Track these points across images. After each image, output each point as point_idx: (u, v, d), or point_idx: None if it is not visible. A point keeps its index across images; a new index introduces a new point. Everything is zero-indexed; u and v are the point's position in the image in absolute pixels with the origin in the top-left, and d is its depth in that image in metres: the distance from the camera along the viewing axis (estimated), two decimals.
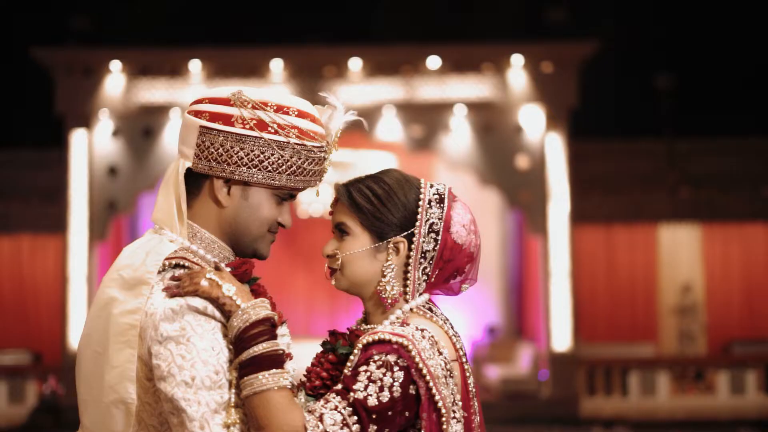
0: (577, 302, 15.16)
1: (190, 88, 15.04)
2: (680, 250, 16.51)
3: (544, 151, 15.06)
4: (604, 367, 14.98)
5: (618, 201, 16.14)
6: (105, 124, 15.02)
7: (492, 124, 15.20)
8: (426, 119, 15.22)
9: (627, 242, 16.48)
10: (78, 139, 14.91)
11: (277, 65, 14.96)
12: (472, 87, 15.10)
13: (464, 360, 2.42)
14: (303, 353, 2.84)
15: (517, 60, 14.94)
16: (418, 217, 2.41)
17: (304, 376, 2.46)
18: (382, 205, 2.42)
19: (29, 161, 16.41)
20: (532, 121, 15.08)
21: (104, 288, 2.34)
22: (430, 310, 2.44)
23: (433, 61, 14.93)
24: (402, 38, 15.55)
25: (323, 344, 2.49)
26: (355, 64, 14.96)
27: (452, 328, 2.45)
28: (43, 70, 15.28)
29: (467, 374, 2.42)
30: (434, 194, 2.46)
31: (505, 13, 17.14)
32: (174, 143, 11.12)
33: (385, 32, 15.87)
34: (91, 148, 14.94)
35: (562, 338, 14.86)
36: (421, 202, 2.43)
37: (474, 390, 2.44)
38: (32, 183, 16.21)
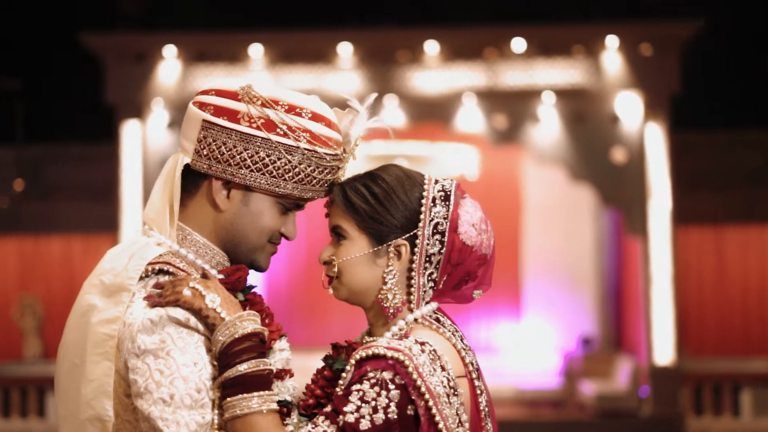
0: (682, 311, 15.14)
1: (250, 75, 15.35)
2: None
3: (643, 143, 15.03)
4: (713, 383, 14.90)
5: (727, 198, 16.07)
6: (159, 114, 15.25)
7: (584, 113, 15.24)
8: (511, 108, 15.28)
9: (738, 244, 16.43)
10: (130, 131, 15.16)
11: (345, 50, 15.15)
12: (562, 72, 15.14)
13: (474, 376, 2.42)
14: None
15: (612, 42, 14.91)
16: (421, 217, 2.40)
17: (303, 393, 2.45)
18: (380, 205, 2.39)
19: (77, 156, 16.85)
20: (630, 109, 15.07)
21: (84, 294, 2.35)
22: (438, 320, 2.43)
23: (519, 44, 14.97)
24: (483, 19, 15.58)
25: (324, 358, 2.48)
26: (432, 47, 15.09)
27: (462, 340, 2.44)
28: (91, 57, 15.69)
29: (478, 391, 2.42)
30: (439, 191, 2.43)
31: None
32: None
33: (465, 12, 15.98)
34: (144, 140, 15.15)
35: (664, 351, 14.85)
36: (424, 201, 2.41)
37: (487, 408, 2.45)
38: (81, 180, 16.65)
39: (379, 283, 2.41)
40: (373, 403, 2.20)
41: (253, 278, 2.52)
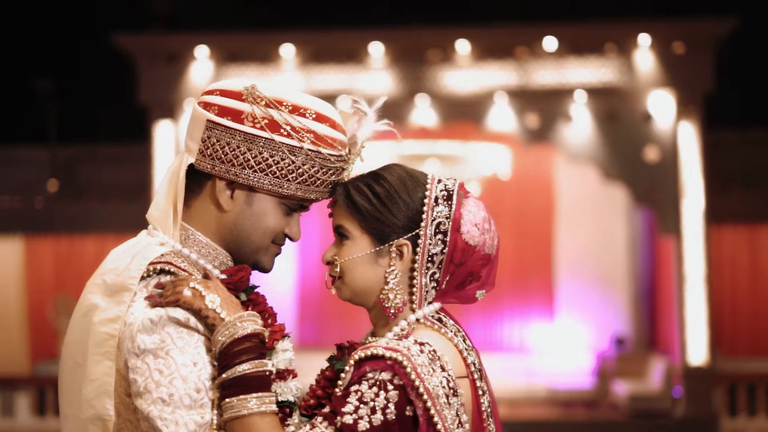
0: (716, 311, 15.06)
1: (282, 75, 15.41)
2: None
3: (676, 142, 14.96)
4: (747, 383, 14.81)
5: (761, 197, 15.97)
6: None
7: (617, 112, 15.21)
8: (542, 107, 15.26)
9: None
10: (162, 131, 15.22)
11: (376, 49, 15.17)
12: (594, 71, 15.10)
13: (476, 377, 2.40)
14: None
15: (645, 40, 14.84)
16: (423, 216, 2.39)
17: (306, 393, 2.45)
18: (382, 205, 2.39)
19: (110, 156, 16.99)
20: (663, 108, 15.01)
21: (86, 293, 2.35)
22: (440, 320, 2.42)
23: (550, 43, 14.95)
24: (515, 17, 15.62)
25: (329, 359, 2.48)
26: (463, 47, 15.08)
27: (464, 341, 2.42)
28: (123, 58, 15.79)
29: (480, 392, 2.40)
30: (441, 191, 2.42)
31: None
32: None
33: (496, 11, 16.02)
34: (176, 141, 15.15)
35: (698, 351, 14.78)
36: (426, 200, 2.41)
37: (490, 409, 2.43)
38: (114, 180, 16.79)
39: (381, 283, 2.41)
40: (372, 404, 2.20)
41: (285, 279, 2.51)
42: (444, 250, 2.40)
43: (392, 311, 2.40)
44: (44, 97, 17.86)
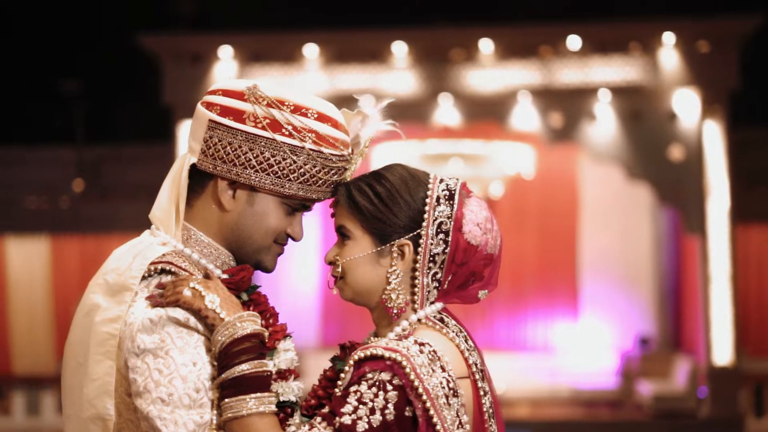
0: (741, 311, 14.99)
1: (305, 75, 15.44)
2: None
3: (701, 141, 14.92)
4: None
5: None
6: None
7: (641, 110, 15.16)
8: (566, 106, 15.23)
9: None
10: (187, 131, 15.30)
11: (399, 49, 15.18)
12: (619, 70, 15.07)
13: (478, 377, 2.38)
14: None
15: (669, 39, 14.80)
16: (425, 216, 2.39)
17: (308, 393, 2.44)
18: (383, 205, 2.38)
19: (136, 156, 17.04)
20: (687, 106, 14.96)
21: (89, 293, 2.36)
22: (442, 320, 2.41)
23: (574, 42, 14.93)
24: (538, 16, 15.61)
25: (332, 359, 2.47)
26: (486, 46, 15.08)
27: (466, 341, 2.41)
28: (147, 58, 15.86)
29: (481, 392, 2.39)
30: (443, 190, 2.41)
31: None
32: None
33: (519, 10, 16.00)
34: None
35: (723, 351, 14.73)
36: (428, 200, 2.40)
37: (492, 410, 2.42)
38: (139, 180, 16.83)
39: (383, 284, 2.40)
40: (371, 404, 2.19)
41: (309, 279, 2.50)
42: (446, 250, 2.39)
43: (394, 311, 2.39)
44: (70, 98, 17.94)
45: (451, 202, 2.41)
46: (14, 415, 15.24)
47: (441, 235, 2.39)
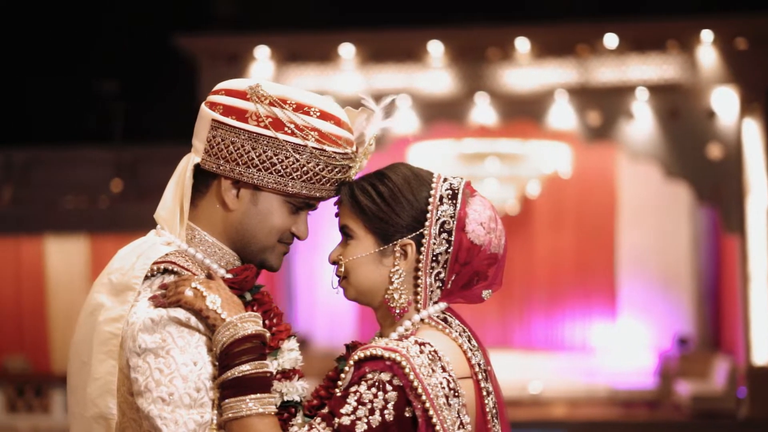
0: None
1: (342, 75, 15.48)
2: None
3: (740, 139, 14.83)
4: None
5: None
6: None
7: (679, 109, 15.08)
8: (604, 105, 15.19)
9: None
10: None
11: (436, 48, 15.19)
12: (656, 68, 15.01)
13: (482, 377, 2.38)
14: None
15: (707, 36, 14.74)
16: (428, 216, 2.38)
17: (311, 393, 2.44)
18: (386, 205, 2.39)
19: (172, 157, 17.06)
20: (726, 104, 14.87)
21: (93, 293, 2.38)
22: (445, 320, 2.40)
23: (611, 40, 14.88)
24: (575, 15, 15.55)
25: (337, 359, 2.46)
26: (523, 45, 15.06)
27: (469, 341, 2.40)
28: (184, 59, 15.96)
29: (484, 393, 2.38)
30: (446, 190, 2.41)
31: None
32: None
33: (556, 8, 15.94)
34: None
35: (762, 350, 14.65)
36: (431, 200, 2.39)
37: (495, 410, 2.41)
38: None
39: (385, 283, 2.40)
40: (370, 404, 2.19)
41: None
42: (449, 250, 2.39)
43: (397, 311, 2.39)
44: (108, 99, 18.06)
45: (454, 201, 2.40)
46: (54, 413, 15.35)
47: (444, 235, 2.38)
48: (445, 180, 2.43)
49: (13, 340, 17.07)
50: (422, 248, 2.39)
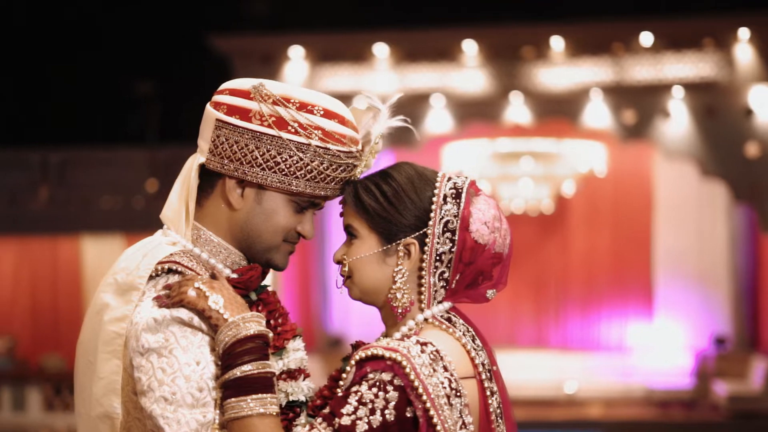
0: None
1: (375, 75, 15.50)
2: None
3: None
4: None
5: None
6: None
7: (716, 107, 15.01)
8: (639, 103, 15.14)
9: None
10: None
11: (470, 47, 15.18)
12: (692, 66, 14.94)
13: (486, 377, 2.37)
14: (507, 365, 2.88)
15: (744, 34, 14.67)
16: (432, 215, 2.37)
17: (315, 393, 2.44)
18: (389, 204, 2.38)
19: None
20: (763, 102, 14.77)
21: (99, 293, 2.37)
22: (449, 320, 2.39)
23: (647, 38, 14.84)
24: (610, 13, 15.51)
25: (343, 359, 2.43)
26: (558, 43, 15.03)
27: (473, 340, 2.39)
28: (218, 59, 16.05)
29: (488, 392, 2.37)
30: (450, 189, 2.40)
31: None
32: None
33: (591, 7, 15.90)
34: None
35: None
36: (435, 199, 2.39)
37: (499, 410, 2.40)
38: None
39: (389, 283, 2.39)
40: (371, 405, 2.18)
41: None
42: (452, 249, 2.38)
43: (400, 311, 2.38)
44: (143, 100, 18.16)
45: (458, 200, 2.39)
46: None
47: (447, 234, 2.38)
48: (449, 179, 2.43)
49: (50, 339, 17.21)
50: (426, 248, 2.38)
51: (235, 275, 2.38)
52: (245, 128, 2.34)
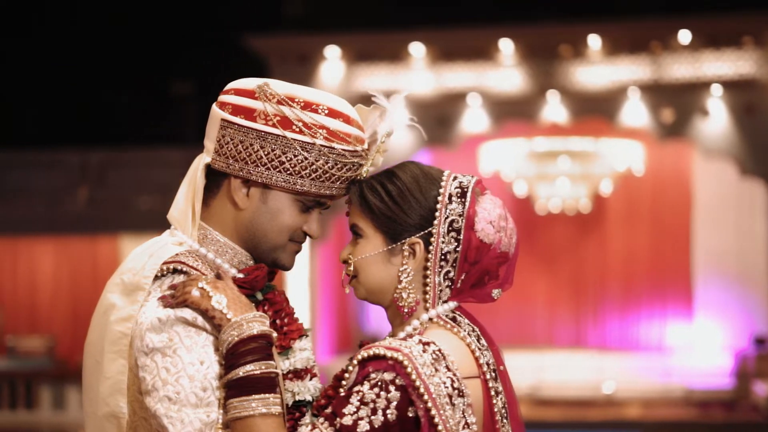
0: None
1: (412, 74, 15.50)
2: None
3: None
4: None
5: None
6: None
7: (755, 105, 14.90)
8: (677, 102, 15.05)
9: None
10: None
11: (506, 46, 15.16)
12: (731, 64, 14.84)
13: (490, 377, 2.36)
14: (545, 365, 2.81)
15: None
16: (437, 214, 2.37)
17: (320, 393, 2.44)
18: (394, 204, 2.38)
19: None
20: None
21: (106, 293, 2.39)
22: (454, 320, 2.39)
23: (685, 36, 14.76)
24: (648, 10, 15.41)
25: (350, 359, 2.41)
26: (595, 41, 14.97)
27: (478, 340, 2.39)
28: (255, 59, 16.10)
29: (493, 392, 2.36)
30: (456, 188, 2.40)
31: None
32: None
33: (628, 5, 15.83)
34: None
35: None
36: (440, 198, 2.38)
37: (504, 410, 2.39)
38: None
39: (394, 282, 2.40)
40: (372, 405, 2.18)
41: None
42: (458, 249, 2.37)
43: (406, 310, 2.39)
44: (181, 100, 18.26)
45: (463, 199, 2.39)
46: None
47: (453, 234, 2.38)
48: (455, 178, 2.42)
49: None
50: (431, 247, 2.38)
51: (241, 275, 2.38)
52: (250, 128, 2.35)
